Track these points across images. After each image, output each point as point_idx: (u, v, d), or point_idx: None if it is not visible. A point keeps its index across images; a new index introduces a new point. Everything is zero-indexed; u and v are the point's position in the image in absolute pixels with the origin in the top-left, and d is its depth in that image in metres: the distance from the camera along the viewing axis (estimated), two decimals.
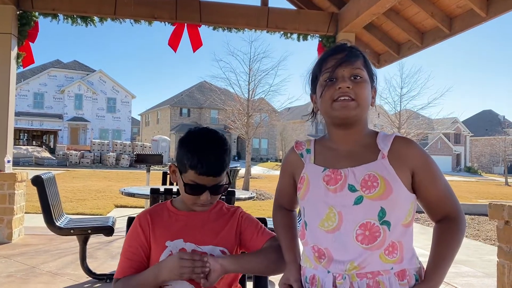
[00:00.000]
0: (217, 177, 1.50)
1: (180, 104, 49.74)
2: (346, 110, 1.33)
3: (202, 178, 1.48)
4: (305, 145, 1.51)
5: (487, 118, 62.03)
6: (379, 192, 1.29)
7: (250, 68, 20.12)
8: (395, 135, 1.39)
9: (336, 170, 1.36)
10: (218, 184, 1.52)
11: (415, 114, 26.98)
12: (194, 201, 1.53)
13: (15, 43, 5.88)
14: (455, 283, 4.38)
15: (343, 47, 1.41)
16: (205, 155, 1.47)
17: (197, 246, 1.53)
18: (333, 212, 1.33)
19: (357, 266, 1.28)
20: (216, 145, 1.51)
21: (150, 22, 6.26)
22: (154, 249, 1.55)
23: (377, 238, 1.29)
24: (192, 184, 1.50)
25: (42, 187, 3.91)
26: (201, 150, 1.48)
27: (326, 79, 1.37)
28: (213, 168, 1.48)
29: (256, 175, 26.00)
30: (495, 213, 3.15)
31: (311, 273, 1.38)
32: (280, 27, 6.51)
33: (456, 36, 5.83)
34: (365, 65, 1.39)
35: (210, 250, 1.53)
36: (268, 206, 11.47)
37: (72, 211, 8.66)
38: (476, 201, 15.14)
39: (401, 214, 1.32)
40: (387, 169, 1.32)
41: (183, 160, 1.50)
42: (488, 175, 48.69)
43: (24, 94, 41.87)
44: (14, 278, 4.03)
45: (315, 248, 1.36)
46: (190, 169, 1.48)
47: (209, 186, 1.50)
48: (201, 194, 1.51)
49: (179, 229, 1.56)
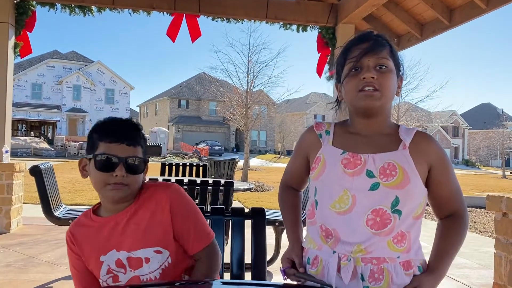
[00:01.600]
0: (130, 147, 1.40)
1: (178, 95, 49.62)
2: (371, 100, 1.32)
3: (112, 146, 1.38)
4: (325, 127, 1.48)
5: (485, 111, 62.09)
6: (396, 181, 1.29)
7: (249, 59, 20.10)
8: (416, 129, 1.39)
9: (356, 155, 1.35)
10: (133, 156, 1.40)
11: (414, 107, 26.96)
12: (105, 181, 1.38)
13: (12, 32, 5.84)
14: (452, 275, 4.41)
15: (369, 35, 1.39)
16: (113, 124, 1.43)
17: (129, 252, 1.43)
18: (347, 195, 1.33)
19: (364, 249, 1.29)
20: (125, 120, 1.47)
21: (148, 12, 6.22)
22: (90, 267, 1.47)
23: (387, 225, 1.29)
24: (102, 156, 1.37)
25: (40, 177, 3.90)
26: (108, 121, 1.44)
27: (351, 68, 1.35)
28: (123, 132, 1.40)
29: (254, 167, 26.05)
30: (493, 205, 3.16)
31: (314, 254, 1.39)
32: (280, 18, 6.47)
33: (455, 28, 5.80)
34: (391, 55, 1.37)
35: (142, 254, 1.43)
36: (267, 197, 11.49)
37: (71, 201, 8.68)
38: (474, 193, 15.19)
39: (414, 205, 1.33)
40: (407, 160, 1.32)
41: (92, 140, 1.42)
42: (486, 168, 48.85)
43: (22, 84, 41.68)
44: (13, 268, 4.04)
45: (323, 227, 1.37)
46: (99, 141, 1.39)
47: (122, 156, 1.38)
48: (114, 169, 1.37)
49: (107, 239, 1.44)
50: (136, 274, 1.44)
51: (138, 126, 1.46)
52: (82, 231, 1.47)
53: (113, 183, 1.38)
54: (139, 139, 1.44)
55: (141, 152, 1.44)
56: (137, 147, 1.42)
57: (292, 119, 52.07)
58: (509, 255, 3.00)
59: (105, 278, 1.45)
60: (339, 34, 6.40)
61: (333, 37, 6.50)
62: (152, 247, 1.43)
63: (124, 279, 1.44)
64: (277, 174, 20.83)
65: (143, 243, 1.43)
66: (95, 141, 1.41)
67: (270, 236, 1.74)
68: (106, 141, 1.38)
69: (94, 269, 1.46)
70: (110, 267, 1.43)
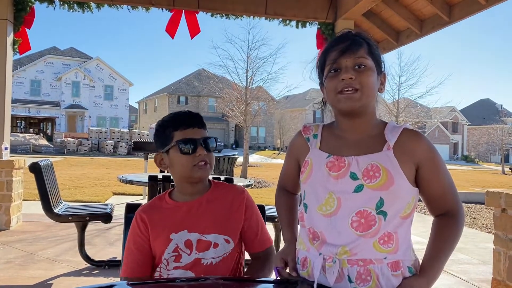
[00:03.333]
0: (201, 129, 1.59)
1: (177, 92, 49.57)
2: (351, 102, 1.32)
3: (188, 131, 1.56)
4: (312, 130, 1.50)
5: (484, 107, 62.10)
6: (380, 182, 1.29)
7: (248, 55, 19.99)
8: (403, 127, 1.37)
9: (340, 158, 1.36)
10: (208, 137, 1.59)
11: (413, 103, 26.97)
12: (192, 162, 1.54)
13: (11, 29, 5.82)
14: (451, 270, 4.42)
15: (346, 36, 1.38)
16: (180, 115, 1.61)
17: (201, 235, 1.55)
18: (332, 197, 1.33)
19: (348, 251, 1.29)
20: (186, 110, 1.64)
21: (147, 8, 6.19)
22: (157, 244, 1.56)
23: (372, 227, 1.28)
24: (184, 140, 1.54)
25: (40, 174, 3.90)
26: (175, 115, 1.62)
27: (330, 70, 1.36)
28: (194, 118, 1.59)
29: (254, 163, 26.05)
30: (492, 201, 3.16)
31: (304, 255, 1.40)
32: (279, 13, 6.46)
33: (455, 23, 5.79)
34: (369, 53, 1.36)
35: (213, 239, 1.55)
36: (266, 194, 11.51)
37: (70, 198, 8.67)
38: (473, 189, 15.22)
39: (400, 206, 1.32)
40: (391, 160, 1.31)
41: (165, 135, 1.58)
42: (485, 164, 48.90)
43: (20, 81, 41.61)
44: (13, 264, 4.05)
45: (311, 230, 1.38)
46: (174, 131, 1.56)
47: (199, 138, 1.56)
48: (195, 149, 1.54)
49: (181, 220, 1.56)
50: (199, 256, 1.54)
51: (198, 113, 1.65)
52: (155, 212, 1.61)
53: (198, 163, 1.55)
54: (203, 122, 1.63)
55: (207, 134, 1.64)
56: (205, 129, 1.62)
57: (292, 115, 52.05)
58: (508, 250, 3.01)
59: (169, 256, 1.55)
60: (338, 30, 6.38)
61: (333, 33, 6.49)
62: (224, 235, 1.57)
63: (186, 260, 1.54)
64: (277, 171, 20.82)
65: (217, 229, 1.56)
66: (169, 134, 1.57)
67: (269, 233, 1.75)
68: (181, 129, 1.56)
69: (160, 245, 1.55)
70: (178, 246, 1.54)
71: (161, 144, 1.60)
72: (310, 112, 51.66)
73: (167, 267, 1.54)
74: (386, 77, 1.44)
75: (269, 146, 49.81)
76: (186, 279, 1.49)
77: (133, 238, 1.60)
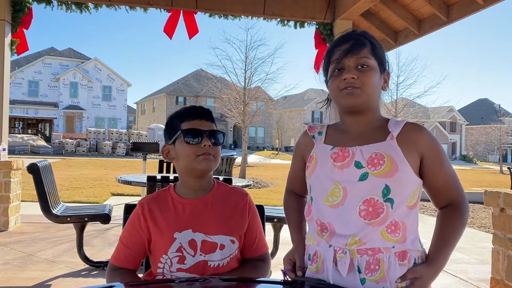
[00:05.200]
0: (209, 122, 1.58)
1: (176, 92, 49.52)
2: (352, 98, 1.36)
3: (195, 123, 1.55)
4: (318, 128, 1.55)
5: (482, 106, 62.20)
6: (384, 169, 1.31)
7: (247, 56, 20.01)
8: (406, 121, 1.41)
9: (344, 148, 1.39)
10: (214, 129, 1.58)
11: (411, 103, 26.95)
12: (196, 153, 1.53)
13: (8, 29, 5.81)
14: (450, 270, 4.43)
15: (350, 36, 1.42)
16: (190, 108, 1.61)
17: (207, 236, 1.53)
18: (338, 187, 1.36)
19: (358, 241, 1.31)
20: (196, 105, 1.65)
21: (145, 8, 6.19)
22: (159, 240, 1.53)
23: (380, 215, 1.30)
24: (190, 130, 1.54)
25: (38, 175, 3.89)
26: (185, 108, 1.63)
27: (333, 69, 1.40)
28: (200, 111, 1.60)
29: (252, 164, 26.03)
30: (490, 200, 3.17)
31: (314, 250, 1.41)
32: (277, 14, 6.47)
33: (453, 23, 5.80)
34: (372, 52, 1.39)
35: (219, 240, 1.54)
36: (265, 194, 11.50)
37: (69, 199, 8.65)
38: (471, 189, 15.23)
39: (406, 194, 1.34)
40: (394, 149, 1.34)
41: (172, 126, 1.59)
42: (483, 164, 48.95)
43: (18, 82, 41.52)
44: (11, 265, 4.04)
45: (318, 222, 1.40)
46: (181, 123, 1.56)
47: (206, 129, 1.55)
48: (201, 140, 1.53)
49: (186, 219, 1.54)
50: (205, 259, 1.52)
51: (208, 109, 1.66)
52: (159, 205, 1.58)
53: (203, 154, 1.52)
54: (212, 117, 1.62)
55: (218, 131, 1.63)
56: (213, 123, 1.60)
57: (290, 116, 52.07)
58: (507, 250, 3.02)
59: (172, 256, 1.52)
60: (336, 30, 6.40)
61: (331, 33, 6.49)
62: (230, 236, 1.56)
63: (190, 261, 1.51)
64: (275, 171, 20.85)
65: (223, 230, 1.55)
66: (177, 125, 1.57)
67: (268, 233, 1.75)
68: (189, 120, 1.56)
69: (163, 244, 1.52)
70: (182, 245, 1.51)
71: (169, 135, 1.61)
72: (309, 112, 51.69)
73: (171, 268, 1.52)
74: (389, 75, 1.48)
75: (267, 146, 49.80)
76: (186, 279, 1.48)
77: (130, 230, 1.58)
